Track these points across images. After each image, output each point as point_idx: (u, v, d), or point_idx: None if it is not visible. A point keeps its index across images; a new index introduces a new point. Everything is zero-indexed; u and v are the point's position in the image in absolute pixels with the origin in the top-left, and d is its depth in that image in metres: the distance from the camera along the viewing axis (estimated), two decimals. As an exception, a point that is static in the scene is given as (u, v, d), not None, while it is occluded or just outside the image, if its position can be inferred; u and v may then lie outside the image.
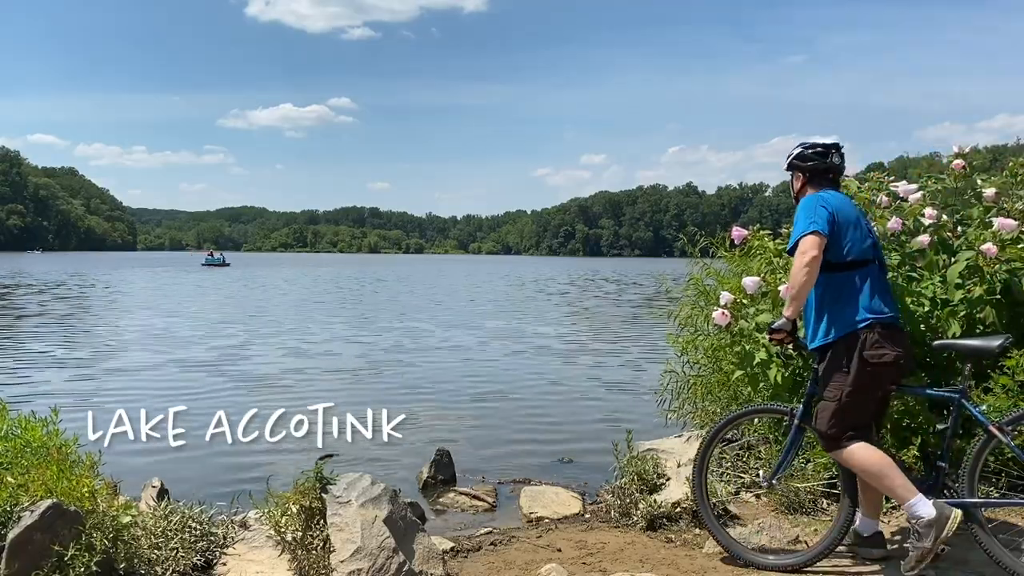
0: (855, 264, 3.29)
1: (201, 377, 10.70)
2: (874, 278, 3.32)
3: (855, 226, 3.32)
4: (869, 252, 3.35)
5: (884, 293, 3.35)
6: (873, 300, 3.26)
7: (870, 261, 3.34)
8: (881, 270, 3.43)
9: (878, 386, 3.29)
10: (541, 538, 4.14)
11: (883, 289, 3.36)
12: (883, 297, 3.32)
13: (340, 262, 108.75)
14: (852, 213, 3.36)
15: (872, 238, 3.41)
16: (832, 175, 3.47)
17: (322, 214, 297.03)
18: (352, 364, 12.28)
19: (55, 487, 3.25)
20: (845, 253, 3.28)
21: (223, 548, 3.66)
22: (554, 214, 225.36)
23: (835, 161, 3.45)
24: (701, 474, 3.71)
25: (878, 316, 3.24)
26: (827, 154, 3.44)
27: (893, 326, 3.29)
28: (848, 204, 3.42)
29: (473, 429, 7.73)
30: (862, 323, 3.23)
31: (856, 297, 3.26)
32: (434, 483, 5.69)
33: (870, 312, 3.24)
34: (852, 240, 3.29)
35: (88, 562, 3.05)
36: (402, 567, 3.26)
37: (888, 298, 3.35)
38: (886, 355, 3.19)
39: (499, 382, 10.68)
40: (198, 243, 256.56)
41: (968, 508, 3.12)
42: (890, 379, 3.31)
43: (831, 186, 3.45)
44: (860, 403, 3.25)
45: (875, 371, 3.21)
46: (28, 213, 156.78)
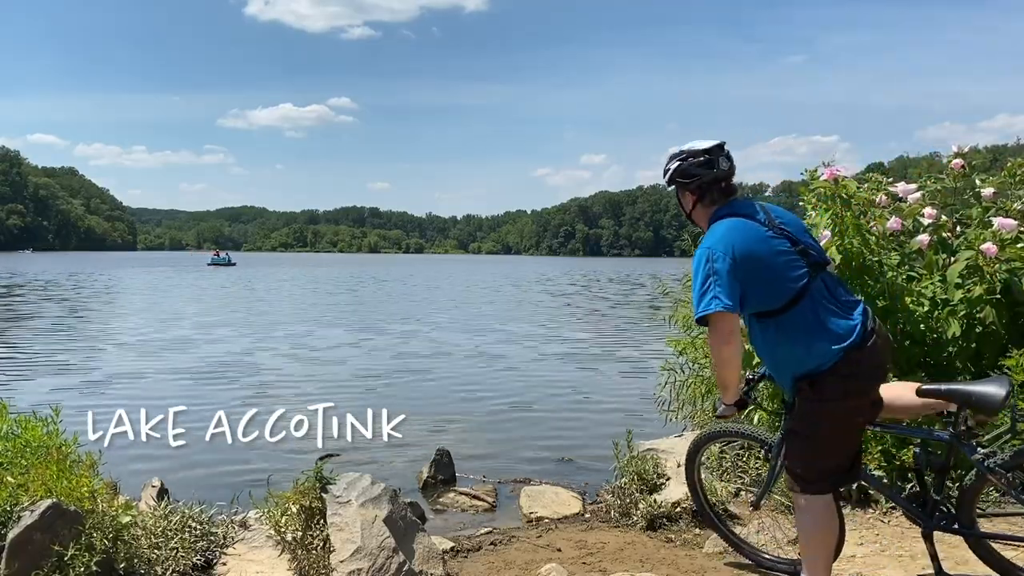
0: (789, 304, 2.71)
1: (201, 377, 10.70)
2: (818, 303, 2.72)
3: (771, 259, 2.72)
4: (801, 277, 2.72)
5: (836, 314, 2.73)
6: (825, 333, 2.69)
7: (806, 288, 2.71)
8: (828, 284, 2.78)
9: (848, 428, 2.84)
10: (541, 538, 4.14)
11: (835, 309, 2.74)
12: (837, 320, 2.71)
13: (341, 262, 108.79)
14: (760, 241, 2.74)
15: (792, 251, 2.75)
16: (724, 183, 2.90)
17: (322, 214, 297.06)
18: (352, 365, 12.28)
19: (55, 487, 3.25)
20: (770, 299, 2.73)
21: (223, 548, 3.67)
22: (554, 214, 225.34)
23: (723, 167, 2.88)
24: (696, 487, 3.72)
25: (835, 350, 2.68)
26: (712, 162, 2.88)
27: (856, 348, 2.69)
28: (751, 233, 2.75)
29: (473, 429, 7.73)
30: (816, 367, 2.70)
31: (801, 339, 2.71)
32: (434, 483, 5.69)
33: (822, 354, 2.69)
34: (774, 279, 2.71)
35: (88, 562, 3.05)
36: (402, 567, 3.26)
37: (843, 315, 2.73)
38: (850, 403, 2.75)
39: (499, 382, 10.68)
40: (198, 243, 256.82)
41: (968, 536, 3.05)
42: (862, 417, 2.87)
43: (724, 197, 2.91)
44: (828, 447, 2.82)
45: (837, 415, 2.75)
46: (28, 213, 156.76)
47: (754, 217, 2.80)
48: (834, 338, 2.69)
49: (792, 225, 2.86)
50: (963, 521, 3.03)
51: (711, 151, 2.89)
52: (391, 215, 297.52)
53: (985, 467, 2.93)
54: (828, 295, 2.75)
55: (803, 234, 2.87)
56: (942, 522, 3.05)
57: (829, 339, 2.68)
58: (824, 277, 2.79)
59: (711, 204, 2.92)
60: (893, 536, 3.78)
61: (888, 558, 3.54)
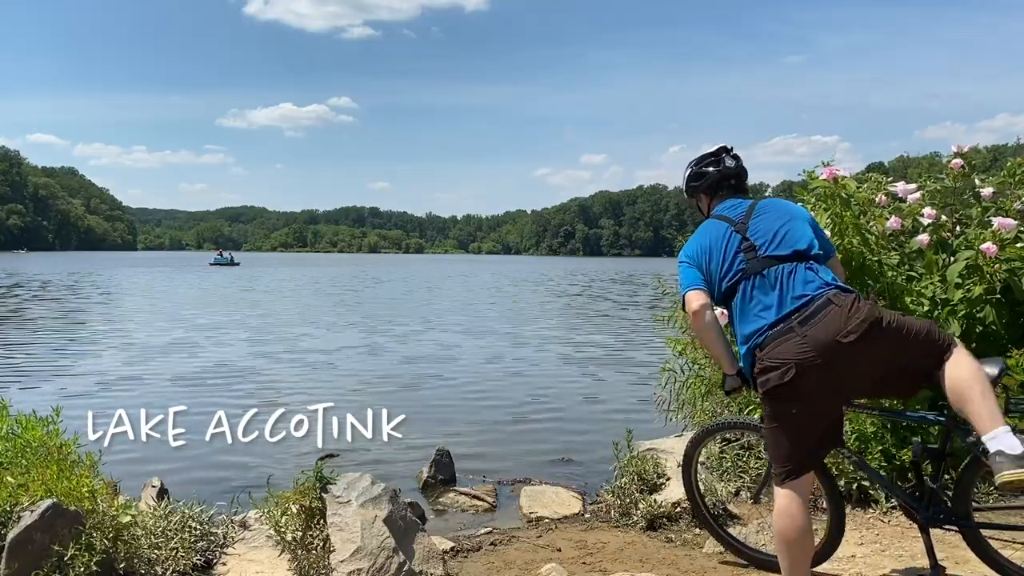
0: (728, 296, 2.91)
1: (202, 378, 10.70)
2: (750, 294, 2.83)
3: (719, 248, 2.92)
4: (738, 272, 2.86)
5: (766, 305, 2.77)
6: (752, 322, 2.79)
7: (740, 280, 2.85)
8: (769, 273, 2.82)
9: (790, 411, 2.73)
10: (541, 538, 4.14)
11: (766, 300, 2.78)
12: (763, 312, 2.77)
13: (341, 262, 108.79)
14: (718, 236, 2.95)
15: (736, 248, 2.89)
16: (732, 180, 3.13)
17: (322, 214, 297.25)
18: (352, 365, 12.28)
19: (55, 487, 3.25)
20: (718, 287, 2.93)
21: (223, 548, 3.67)
22: (554, 214, 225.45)
23: (728, 164, 3.12)
24: (692, 486, 3.73)
25: (754, 340, 2.77)
26: (718, 161, 3.14)
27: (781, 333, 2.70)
28: (715, 229, 2.98)
29: (473, 429, 7.72)
30: (745, 358, 2.85)
31: (738, 325, 2.88)
32: (434, 483, 5.69)
33: (746, 344, 2.82)
34: (720, 274, 2.92)
35: (88, 562, 3.05)
36: (402, 567, 3.26)
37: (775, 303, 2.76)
38: (769, 379, 2.69)
39: (499, 382, 10.67)
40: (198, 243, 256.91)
41: (963, 528, 3.06)
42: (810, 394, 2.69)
43: (733, 194, 3.12)
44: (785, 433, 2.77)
45: (772, 400, 2.74)
46: (28, 213, 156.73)
47: (727, 217, 3.00)
48: (754, 327, 2.78)
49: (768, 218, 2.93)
50: (959, 512, 3.04)
51: (716, 152, 3.16)
52: (391, 215, 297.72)
53: (980, 450, 2.88)
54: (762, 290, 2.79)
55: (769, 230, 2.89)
56: (939, 515, 3.05)
57: (748, 333, 2.81)
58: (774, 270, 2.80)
59: (721, 203, 3.11)
60: (893, 536, 3.78)
61: (888, 558, 3.54)
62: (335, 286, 39.52)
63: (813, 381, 2.65)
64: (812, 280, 2.77)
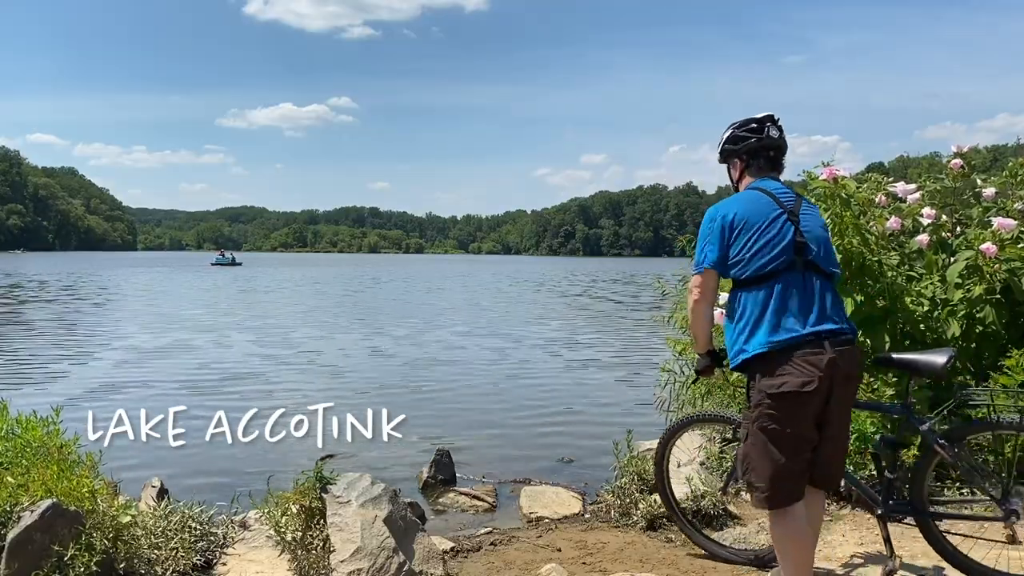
0: (760, 279, 2.74)
1: (203, 378, 10.70)
2: (789, 290, 2.71)
3: (764, 228, 2.75)
4: (782, 261, 2.72)
5: (802, 308, 2.70)
6: (783, 320, 2.68)
7: (782, 271, 2.72)
8: (808, 277, 2.75)
9: (789, 423, 2.66)
10: (541, 538, 4.14)
11: (802, 303, 2.70)
12: (799, 314, 2.69)
13: (341, 262, 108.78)
14: (765, 211, 2.78)
15: (789, 239, 2.74)
16: (772, 152, 2.93)
17: (322, 214, 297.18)
18: (353, 365, 12.28)
19: (55, 487, 3.25)
20: (747, 268, 2.76)
21: (223, 548, 3.67)
22: (554, 214, 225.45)
23: (772, 135, 2.89)
24: (663, 478, 3.83)
25: (784, 340, 2.66)
26: (762, 128, 2.90)
27: (813, 346, 2.66)
28: (759, 204, 2.80)
29: (473, 429, 7.72)
30: (760, 350, 2.70)
31: (759, 318, 2.71)
32: (434, 483, 5.69)
33: (770, 337, 2.68)
34: (754, 250, 2.74)
35: (88, 562, 3.05)
36: (402, 567, 3.26)
37: (811, 312, 2.70)
38: (785, 383, 2.62)
39: (500, 382, 10.68)
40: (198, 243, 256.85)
41: (919, 516, 3.13)
42: (808, 410, 2.66)
43: (770, 168, 2.93)
44: (772, 446, 2.68)
45: (778, 403, 2.65)
46: (28, 213, 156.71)
47: (773, 194, 2.82)
48: (781, 331, 2.68)
49: (813, 224, 2.84)
50: (915, 501, 3.12)
51: (760, 119, 2.93)
52: (391, 215, 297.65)
53: (932, 438, 3.01)
54: (799, 288, 2.72)
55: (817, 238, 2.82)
56: (896, 504, 3.14)
57: (771, 333, 2.69)
58: (813, 269, 2.76)
59: (756, 174, 2.93)
60: (893, 536, 3.77)
61: (888, 558, 3.53)
62: (335, 286, 39.52)
63: (818, 401, 2.66)
64: (842, 316, 2.80)
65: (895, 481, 3.15)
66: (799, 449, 2.70)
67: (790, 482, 2.70)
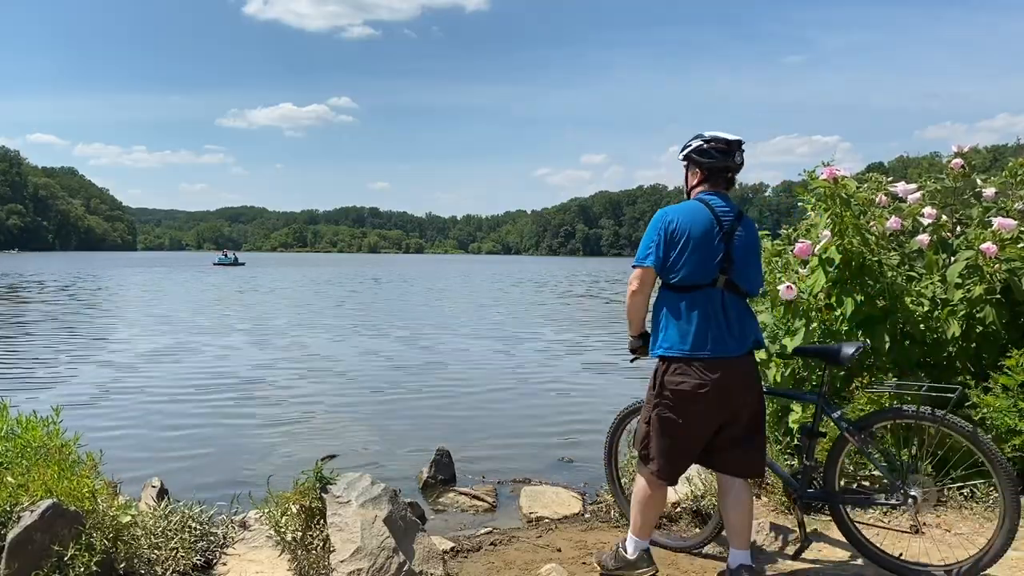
0: (684, 288, 3.06)
1: (204, 379, 10.70)
2: (707, 305, 3.04)
3: (699, 244, 3.03)
4: (708, 275, 3.04)
5: (713, 325, 3.03)
6: (695, 332, 3.02)
7: (705, 286, 3.05)
8: (726, 296, 3.07)
9: (681, 416, 3.05)
10: (541, 538, 4.14)
11: (714, 320, 3.03)
12: (710, 329, 3.02)
13: (342, 262, 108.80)
14: (704, 228, 3.05)
15: (718, 259, 3.04)
16: (730, 174, 3.19)
17: (322, 214, 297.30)
18: (353, 366, 12.28)
19: (55, 487, 3.25)
20: (676, 275, 3.06)
21: (223, 548, 3.66)
22: (554, 214, 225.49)
23: (737, 160, 3.16)
24: (611, 464, 4.10)
25: (689, 352, 3.02)
26: (731, 152, 3.14)
27: (714, 358, 3.01)
28: (702, 219, 3.06)
29: (473, 429, 7.72)
30: (671, 352, 3.06)
31: (677, 324, 3.06)
32: (434, 483, 5.69)
33: (682, 346, 3.03)
34: (685, 260, 3.03)
35: (88, 562, 3.05)
36: (402, 567, 3.26)
37: (722, 330, 3.04)
38: (684, 383, 3.02)
39: (500, 382, 10.68)
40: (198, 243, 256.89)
41: (830, 502, 3.35)
42: (700, 409, 3.03)
43: (725, 186, 3.19)
44: (666, 431, 3.09)
45: (676, 399, 3.04)
46: (28, 213, 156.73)
47: (715, 211, 3.10)
48: (690, 343, 3.03)
49: (745, 245, 3.13)
50: (827, 488, 3.34)
51: (732, 143, 3.16)
52: (391, 215, 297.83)
53: (843, 426, 3.24)
54: (719, 304, 3.06)
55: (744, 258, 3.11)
56: (811, 491, 3.35)
57: (684, 342, 3.04)
58: (728, 297, 3.08)
59: (710, 188, 3.19)
60: (893, 536, 3.77)
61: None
62: (336, 287, 39.51)
63: (711, 405, 3.04)
64: (747, 335, 3.12)
65: (810, 468, 3.35)
66: (688, 440, 3.11)
67: (676, 465, 3.16)
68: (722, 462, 3.19)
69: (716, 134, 3.17)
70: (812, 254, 4.40)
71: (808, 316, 4.44)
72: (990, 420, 4.08)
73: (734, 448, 3.14)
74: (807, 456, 3.35)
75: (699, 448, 3.15)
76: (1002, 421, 4.04)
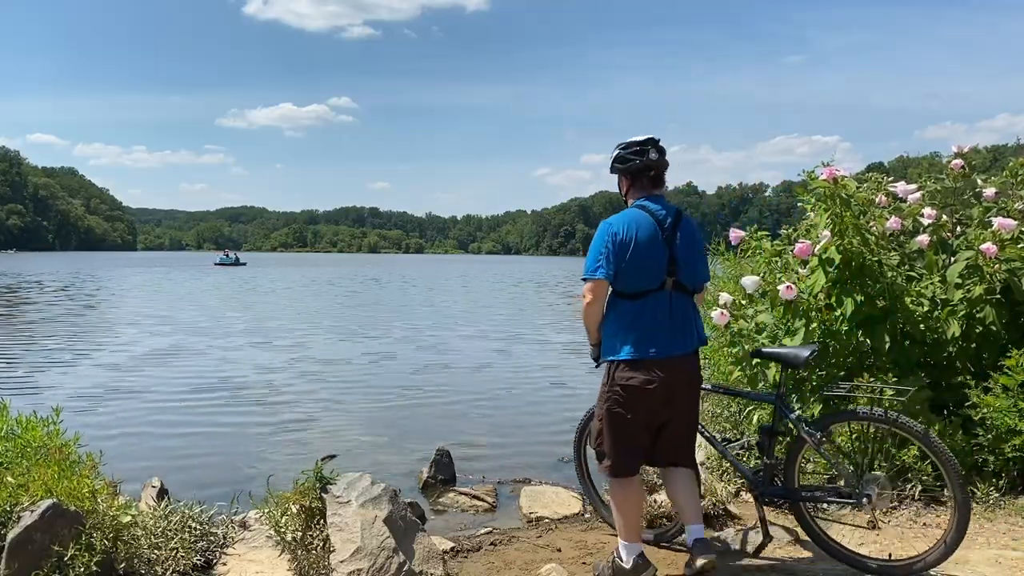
0: (634, 295, 3.23)
1: (204, 379, 10.70)
2: (655, 309, 3.21)
3: (645, 251, 3.20)
4: (655, 280, 3.22)
5: (662, 327, 3.21)
6: (646, 336, 3.19)
7: (652, 291, 3.22)
8: (674, 297, 3.26)
9: (630, 411, 3.22)
10: (541, 538, 4.14)
11: (663, 323, 3.22)
12: (660, 332, 3.20)
13: (342, 262, 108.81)
14: (648, 234, 3.22)
15: (663, 263, 3.22)
16: (652, 171, 3.35)
17: (322, 214, 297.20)
18: (353, 366, 12.27)
19: (55, 487, 3.25)
20: (626, 283, 3.23)
21: (223, 548, 3.67)
22: (554, 214, 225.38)
23: (652, 157, 3.32)
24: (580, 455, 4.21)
25: (640, 355, 3.19)
26: (644, 151, 3.33)
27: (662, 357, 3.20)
28: (644, 226, 3.23)
29: (473, 429, 7.72)
30: (621, 356, 3.23)
31: (629, 329, 3.22)
32: (434, 483, 5.69)
33: (632, 349, 3.21)
34: (633, 269, 3.20)
35: (88, 562, 3.05)
36: (402, 567, 3.26)
37: (670, 332, 3.22)
38: (633, 378, 3.19)
39: (500, 382, 10.67)
40: (198, 243, 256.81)
41: (791, 499, 3.47)
42: (647, 405, 3.22)
43: (652, 185, 3.35)
44: (616, 426, 3.26)
45: (624, 393, 3.22)
46: (28, 213, 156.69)
47: (656, 216, 3.27)
48: (640, 347, 3.19)
49: (687, 243, 3.29)
50: (788, 486, 3.47)
51: (643, 143, 3.35)
52: (391, 215, 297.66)
53: (801, 427, 3.37)
54: (667, 306, 3.23)
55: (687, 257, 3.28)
56: (772, 489, 3.49)
57: (636, 346, 3.20)
58: (675, 297, 3.25)
59: (640, 190, 3.37)
60: (894, 536, 3.78)
61: (888, 558, 3.53)
62: (337, 287, 39.50)
63: (658, 400, 3.21)
64: (692, 334, 3.30)
65: (771, 467, 3.49)
66: (637, 432, 3.27)
67: (629, 457, 3.30)
68: (668, 457, 3.38)
69: (629, 140, 3.38)
70: (812, 254, 4.40)
71: (808, 316, 4.43)
72: (990, 420, 4.08)
73: (677, 444, 3.37)
74: (767, 455, 3.49)
75: (647, 442, 3.31)
76: (1002, 421, 4.04)
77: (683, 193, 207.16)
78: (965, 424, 4.23)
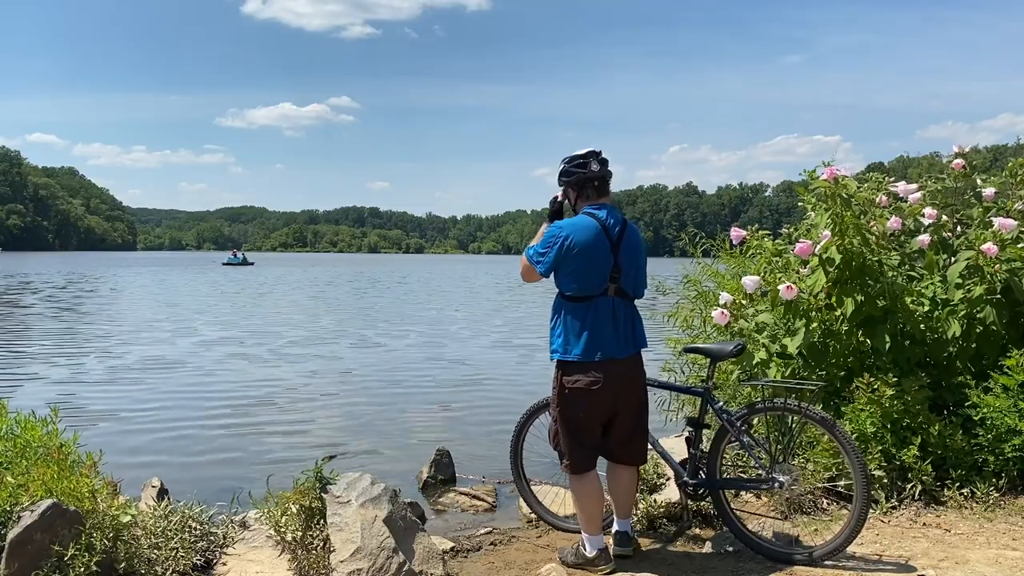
0: (579, 299, 3.43)
1: (203, 379, 10.71)
2: (599, 313, 3.40)
3: (592, 257, 3.39)
4: (599, 286, 3.41)
5: (606, 331, 3.40)
6: (591, 339, 3.38)
7: (597, 296, 3.41)
8: (616, 303, 3.44)
9: (581, 410, 3.44)
10: (541, 538, 4.14)
11: (607, 327, 3.40)
12: (603, 336, 3.39)
13: (343, 262, 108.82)
14: (595, 242, 3.40)
15: (608, 269, 3.41)
16: (596, 182, 3.53)
17: (322, 214, 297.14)
18: (354, 366, 12.29)
19: (55, 487, 3.25)
20: (571, 287, 3.43)
21: (223, 548, 3.66)
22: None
23: (594, 169, 3.50)
24: (516, 457, 4.35)
25: (586, 358, 3.39)
26: (586, 163, 3.52)
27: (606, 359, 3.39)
28: (593, 233, 3.42)
29: (473, 429, 7.72)
30: (567, 358, 3.43)
31: (577, 333, 3.41)
32: (434, 483, 5.69)
33: (577, 352, 3.40)
34: (579, 273, 3.40)
35: (88, 562, 3.05)
36: (402, 567, 3.26)
37: (614, 335, 3.41)
38: (579, 380, 3.40)
39: (500, 382, 10.68)
40: (198, 243, 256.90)
41: (712, 488, 3.67)
42: (596, 404, 3.42)
43: (597, 195, 3.53)
44: (569, 425, 3.48)
45: (572, 395, 3.43)
46: (28, 213, 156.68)
47: (604, 224, 3.44)
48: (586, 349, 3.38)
49: (630, 252, 3.49)
50: (710, 476, 3.67)
51: (585, 156, 3.54)
52: (391, 215, 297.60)
53: (724, 417, 3.59)
54: (611, 310, 3.42)
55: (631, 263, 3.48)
56: (696, 480, 3.69)
57: (582, 348, 3.38)
58: (617, 303, 3.44)
59: (587, 200, 3.54)
60: (893, 536, 3.78)
61: (887, 559, 3.53)
62: (337, 287, 39.51)
63: (604, 399, 3.42)
64: (635, 333, 3.50)
65: (696, 457, 3.69)
66: (590, 430, 3.49)
67: (583, 453, 3.51)
68: (616, 454, 3.60)
69: (573, 154, 3.58)
70: (812, 254, 4.40)
71: (808, 316, 4.44)
72: (990, 420, 4.08)
73: (625, 442, 3.57)
74: (693, 446, 3.70)
75: (598, 437, 3.53)
76: (1002, 421, 4.04)
77: (683, 193, 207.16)
78: (965, 424, 4.23)
